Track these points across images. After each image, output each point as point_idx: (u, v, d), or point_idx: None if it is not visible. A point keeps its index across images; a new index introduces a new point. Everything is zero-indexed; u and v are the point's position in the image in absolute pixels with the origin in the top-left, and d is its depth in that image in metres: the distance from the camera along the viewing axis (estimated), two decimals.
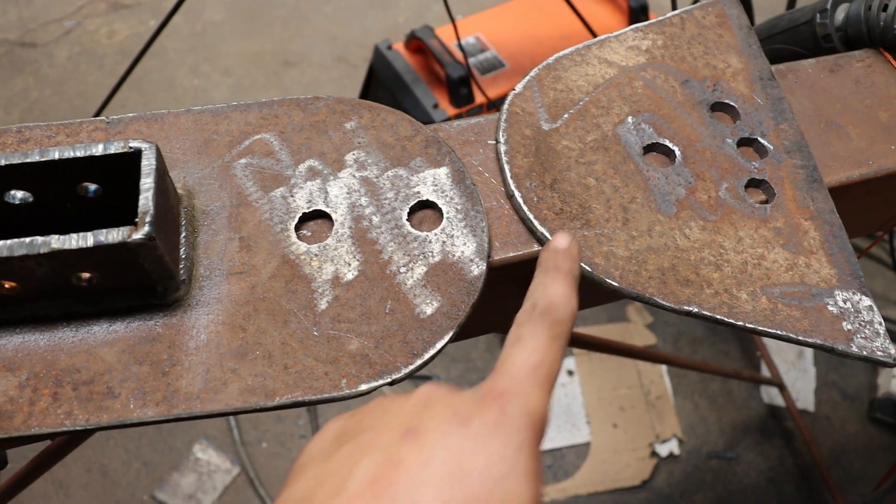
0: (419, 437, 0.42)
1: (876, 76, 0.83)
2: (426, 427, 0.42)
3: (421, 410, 0.44)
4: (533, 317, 0.49)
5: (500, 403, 0.43)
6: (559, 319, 0.49)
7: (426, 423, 0.43)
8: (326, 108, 0.71)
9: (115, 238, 0.54)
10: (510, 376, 0.45)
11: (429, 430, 0.42)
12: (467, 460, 0.40)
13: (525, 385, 0.45)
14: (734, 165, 0.72)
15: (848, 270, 0.68)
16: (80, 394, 0.57)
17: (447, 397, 0.45)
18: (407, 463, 0.40)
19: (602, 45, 0.78)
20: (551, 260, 0.54)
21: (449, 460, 0.40)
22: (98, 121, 0.69)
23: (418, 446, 0.41)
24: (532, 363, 0.46)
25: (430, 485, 0.39)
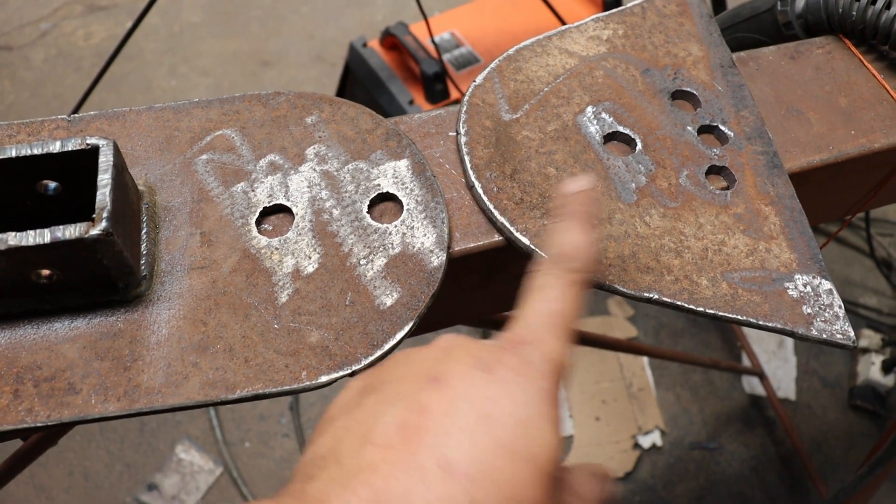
0: (443, 385, 0.42)
1: (836, 62, 0.84)
2: (449, 375, 0.42)
3: (443, 359, 0.44)
4: (552, 263, 0.50)
5: (520, 351, 0.44)
6: (577, 266, 0.49)
7: (449, 370, 0.43)
8: (287, 102, 0.71)
9: (73, 234, 0.54)
10: (530, 325, 0.46)
11: (452, 377, 0.42)
12: (491, 406, 0.40)
13: (544, 333, 0.45)
14: (695, 153, 0.72)
15: (808, 255, 0.68)
16: (41, 390, 0.57)
17: (468, 345, 0.45)
18: (432, 410, 0.40)
19: (563, 35, 0.78)
20: (572, 203, 0.53)
21: (473, 407, 0.40)
22: (59, 119, 0.69)
23: (443, 393, 0.41)
24: (552, 310, 0.47)
25: (456, 430, 0.39)
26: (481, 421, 0.40)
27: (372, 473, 0.38)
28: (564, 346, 0.46)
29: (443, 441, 0.39)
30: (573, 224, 0.52)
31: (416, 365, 0.44)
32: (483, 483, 0.38)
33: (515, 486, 0.39)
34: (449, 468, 0.38)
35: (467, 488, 0.37)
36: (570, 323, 0.47)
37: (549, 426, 0.41)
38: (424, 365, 0.44)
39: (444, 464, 0.38)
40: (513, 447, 0.39)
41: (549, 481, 0.40)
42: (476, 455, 0.39)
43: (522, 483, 0.39)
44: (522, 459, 0.39)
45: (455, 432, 0.39)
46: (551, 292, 0.48)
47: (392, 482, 0.38)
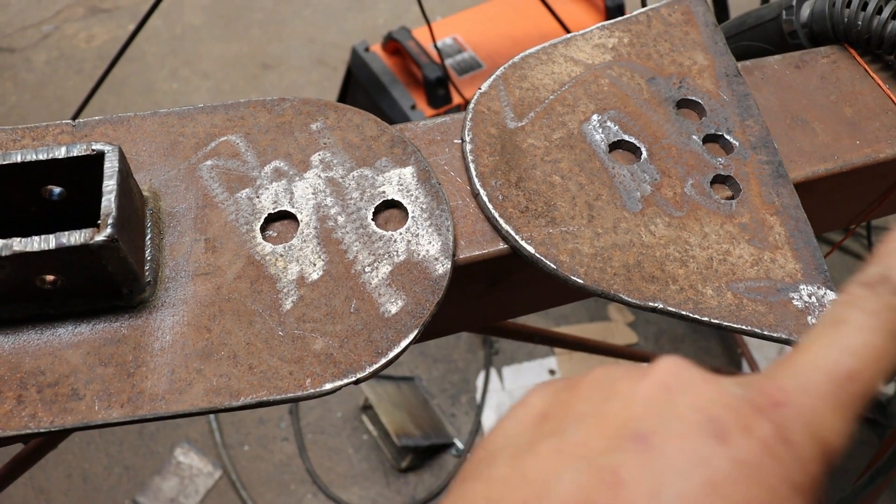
0: (650, 450, 0.30)
1: (841, 72, 0.84)
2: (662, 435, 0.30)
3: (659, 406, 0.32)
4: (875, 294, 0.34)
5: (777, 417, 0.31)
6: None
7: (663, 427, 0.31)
8: (292, 109, 0.71)
9: (78, 240, 0.54)
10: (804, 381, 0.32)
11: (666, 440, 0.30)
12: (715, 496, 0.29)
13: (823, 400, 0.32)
14: (700, 162, 0.72)
15: (813, 265, 0.68)
16: (44, 396, 0.57)
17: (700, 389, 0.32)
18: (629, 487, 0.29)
19: (568, 43, 0.78)
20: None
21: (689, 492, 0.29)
22: (64, 124, 0.69)
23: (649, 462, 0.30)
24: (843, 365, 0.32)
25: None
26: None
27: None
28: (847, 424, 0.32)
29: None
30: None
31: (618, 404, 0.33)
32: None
33: None
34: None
35: None
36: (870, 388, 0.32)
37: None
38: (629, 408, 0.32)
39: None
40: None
41: None
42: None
43: None
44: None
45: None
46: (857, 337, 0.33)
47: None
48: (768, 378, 0.32)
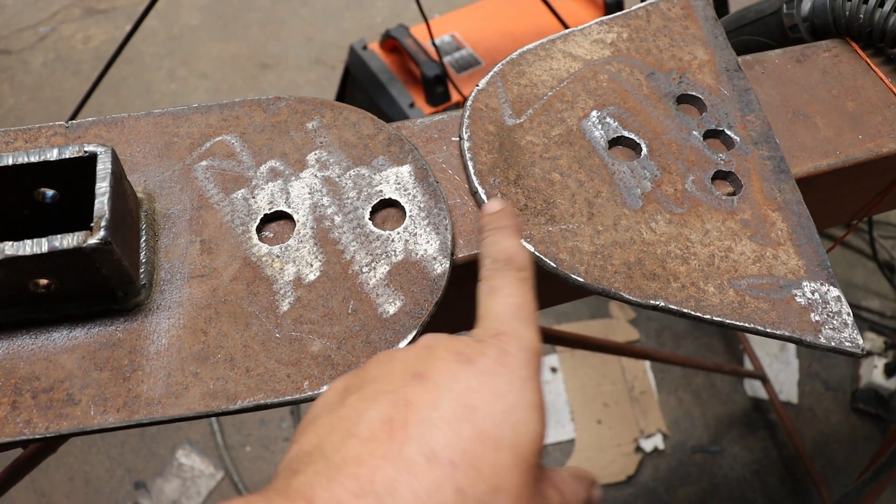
0: (426, 380, 0.42)
1: (843, 66, 0.83)
2: (432, 370, 0.43)
3: (425, 356, 0.45)
4: (498, 268, 0.52)
5: (498, 343, 0.45)
6: (521, 265, 0.52)
7: (432, 366, 0.43)
8: (288, 108, 0.70)
9: (70, 243, 0.53)
10: (499, 320, 0.47)
11: (435, 372, 0.43)
12: (474, 398, 0.41)
13: (515, 324, 0.47)
14: (701, 158, 0.71)
15: (816, 261, 0.68)
16: (39, 402, 0.56)
17: (449, 342, 0.46)
18: (417, 404, 0.41)
19: (566, 39, 0.77)
20: (493, 222, 0.56)
21: (457, 399, 0.41)
22: (57, 126, 0.68)
23: (426, 388, 0.42)
24: (514, 305, 0.48)
25: (440, 422, 0.40)
26: (465, 412, 0.41)
27: (358, 466, 0.39)
28: (536, 336, 0.47)
29: (427, 432, 0.40)
30: (504, 233, 0.54)
31: (399, 364, 0.45)
32: (467, 470, 0.39)
33: (498, 472, 0.39)
34: (434, 458, 0.39)
35: (452, 476, 0.38)
36: (533, 314, 0.49)
37: (531, 414, 0.42)
38: (407, 363, 0.44)
39: (429, 454, 0.39)
40: (495, 436, 0.40)
41: (531, 469, 0.41)
42: (460, 444, 0.39)
43: (505, 470, 0.40)
44: (505, 448, 0.40)
45: (439, 424, 0.40)
46: (508, 290, 0.50)
47: (378, 473, 0.38)
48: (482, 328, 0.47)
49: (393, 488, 0.37)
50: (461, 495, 0.38)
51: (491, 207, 0.57)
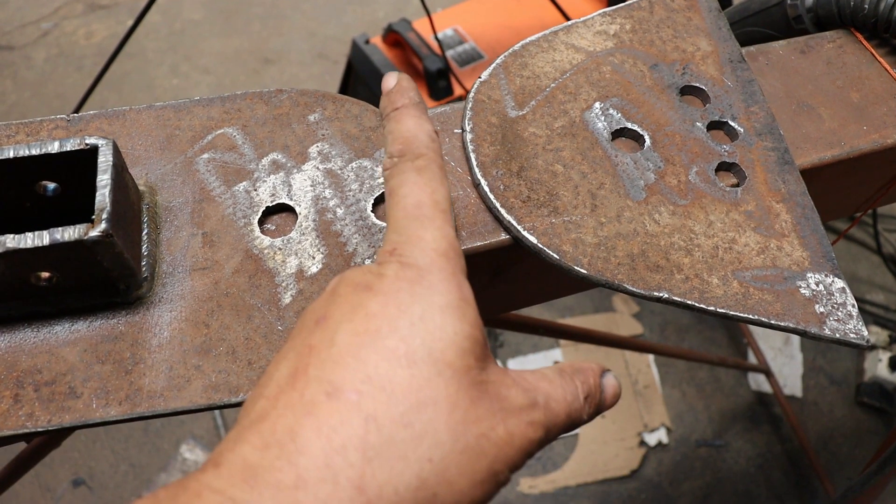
0: (327, 320, 0.41)
1: (847, 56, 0.83)
2: (332, 309, 0.41)
3: (328, 299, 0.43)
4: (393, 164, 0.48)
5: (396, 256, 0.43)
6: (419, 152, 0.48)
7: (332, 305, 0.42)
8: (290, 100, 0.70)
9: (72, 236, 0.53)
10: (397, 229, 0.45)
11: (334, 310, 0.41)
12: (375, 322, 0.39)
13: (413, 227, 0.44)
14: (704, 149, 0.71)
15: (820, 252, 0.67)
16: (41, 395, 0.56)
17: (350, 274, 0.43)
18: (317, 346, 0.39)
19: (569, 30, 0.77)
20: (387, 105, 0.52)
21: (356, 328, 0.39)
22: (59, 119, 0.68)
23: (326, 328, 0.40)
24: (411, 205, 0.45)
25: (340, 356, 0.38)
26: (366, 338, 0.39)
27: (261, 421, 0.37)
28: (440, 231, 0.44)
29: (327, 370, 0.38)
30: (398, 116, 0.50)
31: (308, 314, 0.43)
32: (375, 395, 0.37)
33: (415, 388, 0.37)
34: (335, 393, 0.37)
35: (358, 404, 0.36)
36: (437, 207, 0.45)
37: (446, 316, 0.40)
38: (315, 312, 0.43)
39: (331, 390, 0.37)
40: (406, 351, 0.38)
41: (459, 375, 0.38)
42: (364, 371, 0.37)
43: (424, 383, 0.37)
44: (419, 360, 0.38)
45: (339, 357, 0.38)
46: (404, 189, 0.46)
47: (279, 423, 0.36)
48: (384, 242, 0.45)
49: (294, 433, 0.36)
50: (373, 422, 0.36)
51: (386, 84, 0.53)
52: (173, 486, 0.36)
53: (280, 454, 0.35)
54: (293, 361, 0.40)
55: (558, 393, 0.43)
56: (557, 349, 2.33)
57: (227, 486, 0.34)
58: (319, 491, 0.34)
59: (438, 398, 0.37)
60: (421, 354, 0.38)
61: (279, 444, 0.36)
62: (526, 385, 0.42)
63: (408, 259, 0.42)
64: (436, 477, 0.36)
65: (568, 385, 0.44)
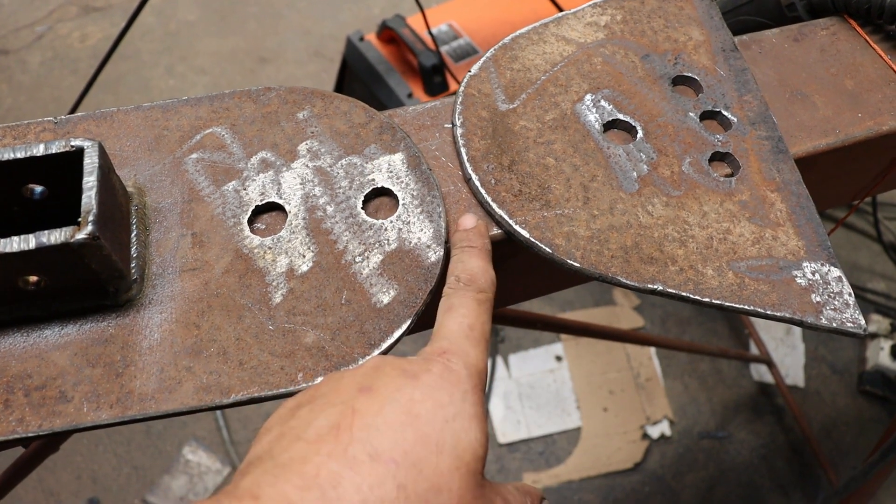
0: (373, 392, 0.45)
1: (841, 44, 0.82)
2: (378, 384, 0.46)
3: (373, 374, 0.47)
4: (459, 287, 0.55)
5: (443, 360, 0.48)
6: (482, 287, 0.55)
7: (378, 380, 0.46)
8: (278, 98, 0.69)
9: (58, 239, 0.52)
10: (449, 338, 0.51)
11: (381, 385, 0.46)
12: (417, 407, 0.44)
13: (463, 343, 0.50)
14: (697, 139, 0.71)
15: (816, 241, 0.67)
16: (31, 399, 0.56)
17: (395, 361, 0.49)
18: (363, 412, 0.44)
19: (559, 22, 0.76)
20: (464, 240, 0.59)
21: (400, 408, 0.44)
22: (46, 122, 0.68)
23: (372, 398, 0.45)
24: (466, 325, 0.52)
25: (384, 426, 0.43)
26: (408, 419, 0.44)
27: (303, 464, 0.41)
28: (483, 355, 0.51)
29: (372, 435, 0.42)
30: (472, 253, 0.58)
31: (348, 380, 0.47)
32: (409, 469, 0.42)
33: (438, 473, 0.42)
34: (377, 456, 0.41)
35: (394, 473, 0.41)
36: (485, 335, 0.52)
37: (472, 424, 0.45)
38: (356, 379, 0.47)
39: (373, 453, 0.41)
40: (437, 441, 0.43)
41: (471, 474, 0.44)
42: (402, 446, 0.42)
43: (446, 472, 0.43)
44: (445, 452, 0.43)
45: (383, 428, 0.43)
46: (463, 310, 0.53)
47: (322, 469, 0.40)
48: (431, 346, 0.50)
49: (336, 482, 0.40)
50: (403, 491, 0.41)
51: (465, 224, 0.60)
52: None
53: (321, 498, 0.39)
54: (335, 417, 0.44)
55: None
56: (559, 343, 2.33)
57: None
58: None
59: (453, 487, 0.43)
60: (448, 448, 0.44)
61: (321, 488, 0.40)
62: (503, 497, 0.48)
63: (454, 366, 0.48)
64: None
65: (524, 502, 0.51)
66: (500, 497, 0.48)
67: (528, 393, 2.24)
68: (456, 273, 0.56)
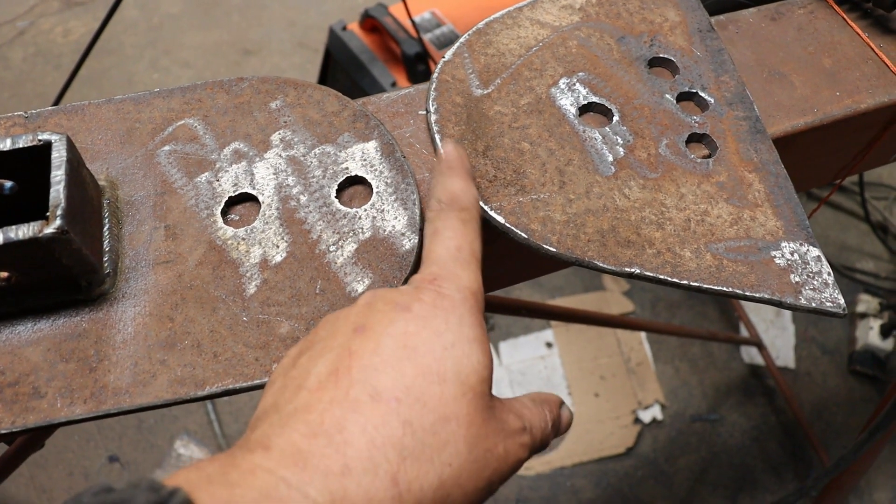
0: (367, 330, 0.45)
1: (819, 22, 0.82)
2: (372, 321, 0.46)
3: (365, 311, 0.47)
4: (442, 209, 0.54)
5: (434, 286, 0.48)
6: (465, 206, 0.54)
7: (371, 318, 0.46)
8: (251, 88, 0.69)
9: (26, 234, 0.52)
10: (437, 263, 0.50)
11: (374, 322, 0.45)
12: (413, 339, 0.44)
13: (453, 266, 0.50)
14: (674, 121, 0.70)
15: (794, 221, 0.66)
16: (4, 396, 0.55)
17: (387, 294, 0.48)
18: (359, 352, 0.44)
19: (534, 6, 0.76)
20: (443, 162, 0.57)
21: (396, 342, 0.44)
22: (17, 116, 0.67)
23: (367, 337, 0.44)
24: (453, 247, 0.51)
25: (382, 365, 0.43)
26: (405, 353, 0.43)
27: (307, 412, 0.41)
28: (475, 275, 0.50)
29: (371, 375, 0.42)
30: (451, 174, 0.56)
31: (343, 321, 0.47)
32: (412, 404, 0.42)
33: (444, 403, 0.42)
34: (378, 396, 0.41)
35: (398, 410, 0.41)
36: (474, 255, 0.51)
37: (472, 347, 0.45)
38: (350, 319, 0.47)
39: (374, 393, 0.42)
40: (438, 370, 0.43)
41: (478, 398, 0.44)
42: (403, 382, 0.42)
43: (451, 400, 0.43)
44: (448, 380, 0.43)
45: (382, 366, 0.43)
46: (448, 232, 0.52)
47: (326, 415, 0.41)
48: (421, 273, 0.50)
49: (341, 426, 0.40)
50: (409, 427, 0.41)
51: (446, 149, 0.58)
52: (220, 462, 0.40)
53: (328, 443, 0.40)
54: (333, 361, 0.44)
55: (538, 420, 0.49)
56: (549, 330, 2.33)
57: (279, 468, 0.39)
58: (362, 480, 0.39)
59: (460, 414, 0.43)
60: (450, 376, 0.43)
61: (327, 434, 0.40)
62: (517, 412, 0.48)
63: (445, 291, 0.47)
64: (452, 480, 0.42)
65: (543, 414, 0.50)
66: (514, 413, 0.47)
67: (520, 380, 2.24)
68: (437, 195, 0.55)
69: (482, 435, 0.44)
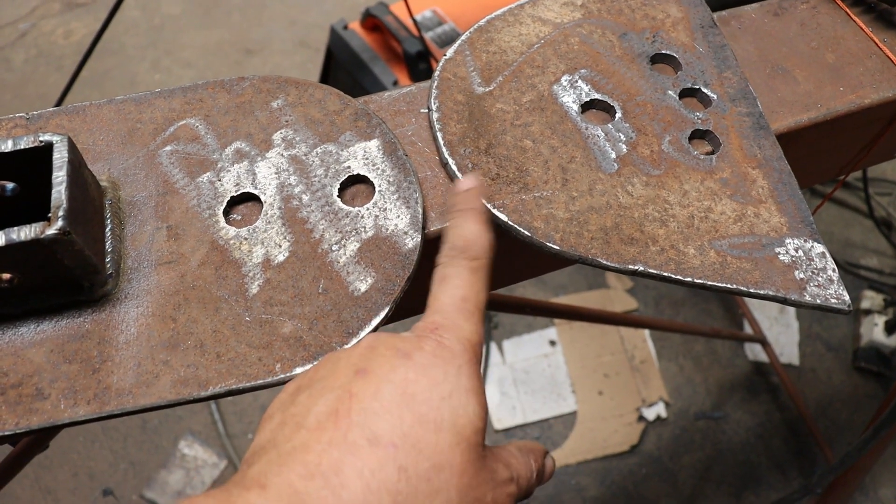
0: (368, 374, 0.45)
1: (821, 17, 0.82)
2: (373, 365, 0.46)
3: (367, 354, 0.47)
4: (454, 255, 0.53)
5: (436, 336, 0.48)
6: (476, 254, 0.53)
7: (373, 362, 0.46)
8: (252, 87, 0.69)
9: (28, 235, 0.52)
10: (442, 312, 0.50)
11: (376, 367, 0.46)
12: (412, 386, 0.45)
13: (456, 317, 0.50)
14: (677, 117, 0.70)
15: (798, 217, 0.66)
16: (7, 398, 0.55)
17: (389, 340, 0.48)
18: (360, 395, 0.44)
19: (536, 3, 0.75)
20: (459, 203, 0.57)
21: (396, 389, 0.44)
22: (18, 118, 0.67)
23: (368, 381, 0.45)
24: (459, 297, 0.51)
25: (382, 410, 0.43)
26: (404, 400, 0.44)
27: (305, 452, 0.42)
28: (476, 327, 0.50)
29: (370, 419, 0.43)
30: (467, 217, 0.55)
31: (344, 363, 0.47)
32: (409, 451, 0.42)
33: (439, 452, 0.43)
34: (376, 441, 0.42)
35: (394, 456, 0.42)
36: (479, 306, 0.51)
37: (469, 398, 0.46)
38: (351, 361, 0.47)
39: (372, 437, 0.42)
40: (435, 419, 0.44)
41: (471, 448, 0.45)
42: (401, 428, 0.43)
43: (446, 449, 0.43)
44: (444, 429, 0.44)
45: (380, 411, 0.43)
46: (456, 280, 0.52)
47: (324, 457, 0.41)
48: (424, 320, 0.50)
49: (338, 469, 0.41)
50: (404, 473, 0.41)
51: (462, 186, 0.58)
52: (215, 499, 0.40)
53: (325, 485, 0.40)
54: (333, 402, 0.44)
55: (524, 470, 0.50)
56: (552, 328, 2.33)
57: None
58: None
59: (454, 463, 0.43)
60: (446, 425, 0.44)
61: (324, 476, 0.41)
62: (506, 462, 0.49)
63: (446, 341, 0.48)
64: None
65: (529, 464, 0.51)
66: (502, 463, 0.48)
67: (523, 378, 2.24)
68: (451, 240, 0.54)
69: (473, 485, 0.44)
